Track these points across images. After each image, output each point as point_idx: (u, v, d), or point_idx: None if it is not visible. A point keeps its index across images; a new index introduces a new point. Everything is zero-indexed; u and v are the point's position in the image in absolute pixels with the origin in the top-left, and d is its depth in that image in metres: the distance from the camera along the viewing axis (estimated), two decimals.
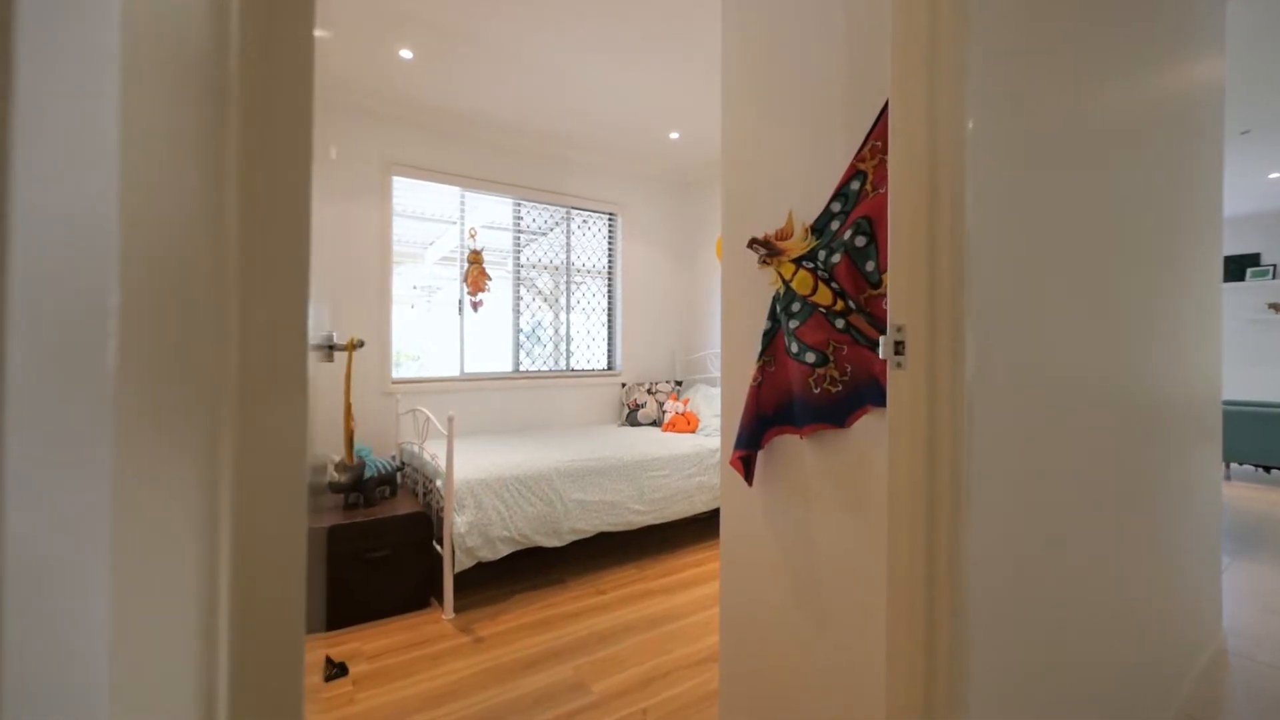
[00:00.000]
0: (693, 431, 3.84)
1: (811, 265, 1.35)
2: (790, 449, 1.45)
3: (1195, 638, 1.93)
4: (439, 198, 3.74)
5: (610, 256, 4.54)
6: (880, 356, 0.97)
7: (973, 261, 0.92)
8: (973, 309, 0.91)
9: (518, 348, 4.07)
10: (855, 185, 1.29)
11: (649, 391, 4.27)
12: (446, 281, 3.85)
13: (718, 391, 4.07)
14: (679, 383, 4.48)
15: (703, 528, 3.65)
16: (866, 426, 1.28)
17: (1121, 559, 1.45)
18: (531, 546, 2.74)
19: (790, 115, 1.46)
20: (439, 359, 3.87)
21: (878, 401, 1.24)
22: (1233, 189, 4.73)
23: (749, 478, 1.51)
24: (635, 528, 3.08)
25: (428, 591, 2.65)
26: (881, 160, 1.24)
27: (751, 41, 1.55)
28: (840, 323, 1.30)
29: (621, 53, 2.86)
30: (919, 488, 0.91)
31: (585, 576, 2.96)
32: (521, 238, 4.09)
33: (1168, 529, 1.69)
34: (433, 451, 2.85)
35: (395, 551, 2.54)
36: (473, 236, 3.75)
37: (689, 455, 3.34)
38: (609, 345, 4.56)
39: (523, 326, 4.11)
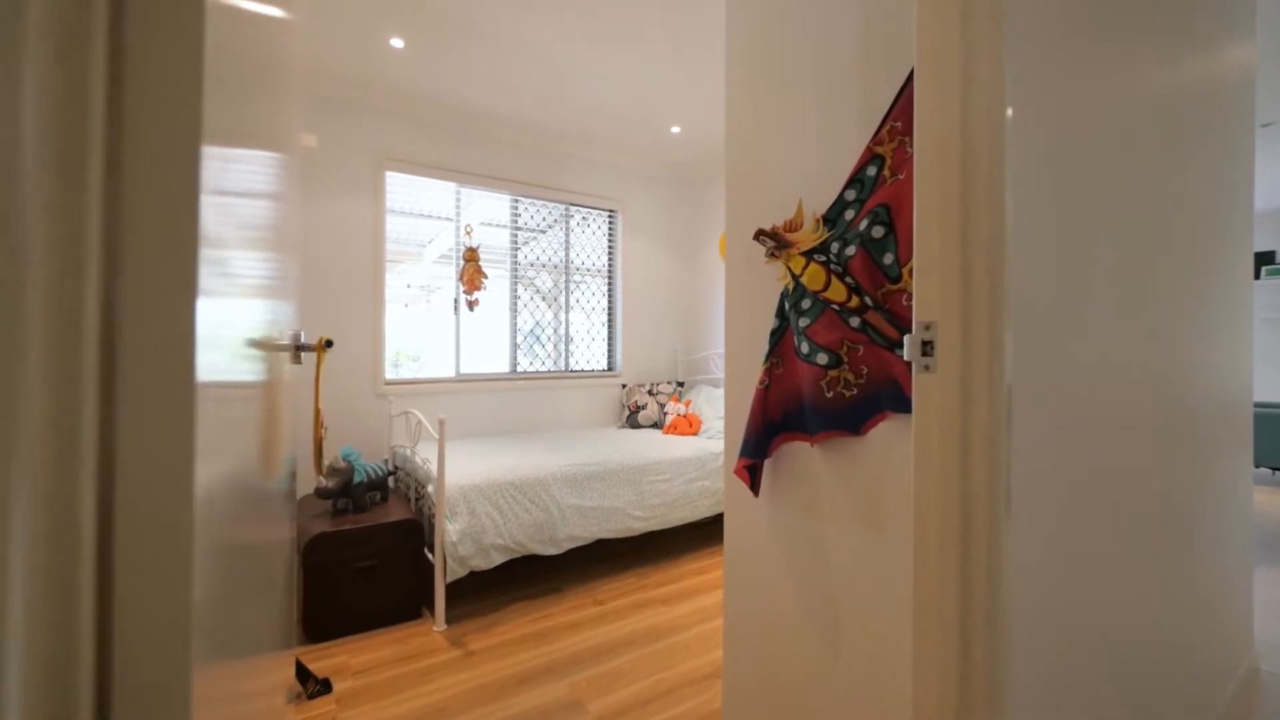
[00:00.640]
0: (695, 434, 3.73)
1: (824, 258, 1.25)
2: (800, 457, 1.35)
3: (1230, 649, 1.82)
4: (435, 194, 3.64)
5: (610, 254, 4.44)
6: (904, 357, 0.86)
7: (1010, 255, 0.81)
8: (1011, 306, 0.80)
9: (515, 348, 3.97)
10: (872, 171, 1.19)
11: (650, 393, 4.16)
12: (444, 281, 3.75)
13: (721, 393, 3.96)
14: (681, 384, 4.38)
15: (705, 533, 3.55)
16: (884, 434, 1.17)
17: (1159, 572, 1.34)
18: (527, 554, 2.64)
19: (800, 95, 1.35)
20: (436, 359, 3.77)
21: (897, 407, 1.13)
22: None
23: (755, 488, 1.40)
24: (635, 534, 2.98)
25: (419, 601, 2.54)
26: (901, 143, 1.14)
27: (757, 16, 1.45)
28: (855, 321, 1.20)
29: (620, 41, 2.76)
30: (951, 501, 0.81)
31: (583, 585, 2.86)
32: (519, 235, 3.99)
33: (1204, 538, 1.58)
34: (425, 456, 2.75)
35: (384, 560, 2.44)
36: (469, 233, 3.65)
37: (691, 459, 3.23)
38: (609, 345, 4.46)
39: (521, 326, 4.01)
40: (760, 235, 1.34)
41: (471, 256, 3.61)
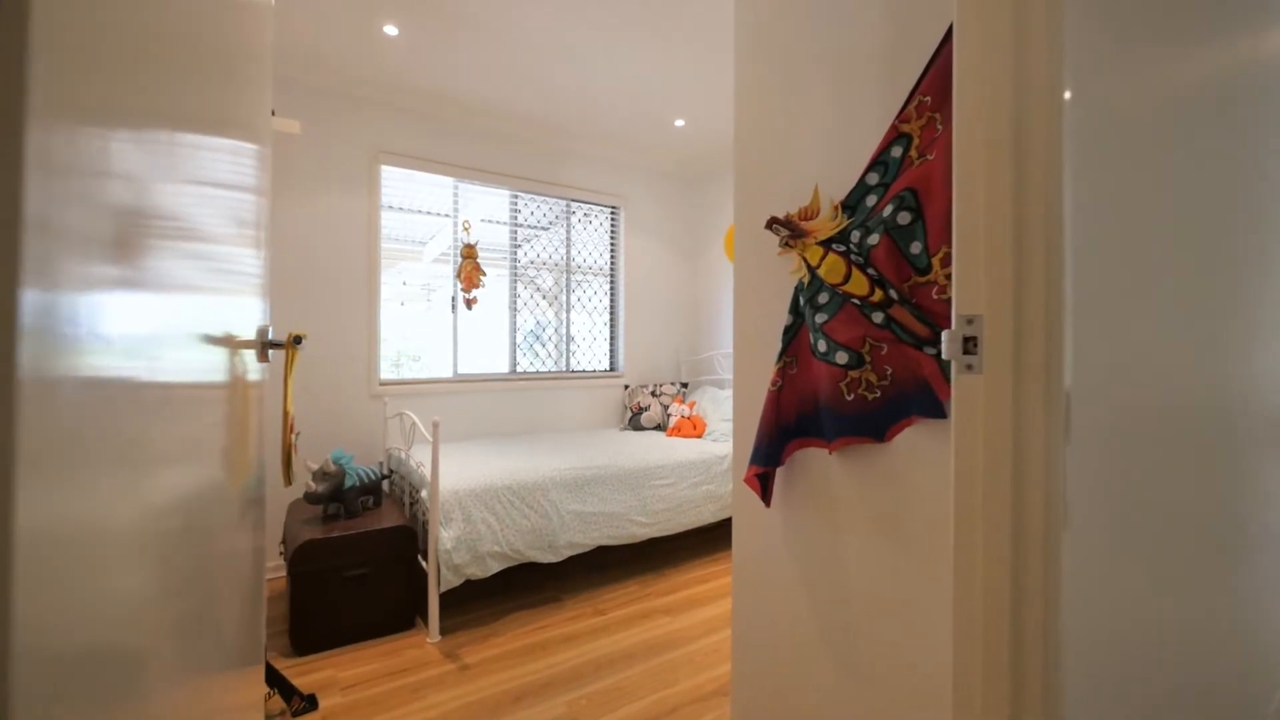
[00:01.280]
0: (699, 436, 3.63)
1: (843, 248, 1.14)
2: (816, 464, 1.24)
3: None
4: (432, 190, 3.54)
5: (612, 252, 4.33)
6: (943, 355, 0.76)
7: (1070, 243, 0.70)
8: (1071, 298, 0.69)
9: (515, 347, 3.87)
10: (897, 151, 1.08)
11: (653, 394, 4.06)
12: (444, 280, 3.64)
13: (726, 394, 3.85)
14: (684, 384, 4.27)
15: (709, 538, 3.44)
16: (911, 441, 1.07)
17: (1218, 588, 1.23)
18: (525, 562, 2.53)
19: (815, 70, 1.24)
20: (434, 360, 3.67)
21: (926, 411, 1.03)
22: None
23: (766, 498, 1.30)
24: (638, 541, 2.87)
25: (413, 610, 2.44)
26: (931, 120, 1.03)
27: None
28: (878, 316, 1.09)
29: (622, 30, 2.65)
30: (999, 518, 0.70)
31: (583, 594, 2.75)
32: (519, 232, 3.89)
33: (1265, 551, 1.46)
34: (419, 459, 2.65)
35: (376, 568, 2.34)
36: (466, 229, 3.55)
37: (695, 462, 3.13)
38: (611, 345, 4.35)
39: (521, 325, 3.91)
40: (773, 224, 1.24)
41: (469, 253, 3.50)
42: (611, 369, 4.32)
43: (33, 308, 0.34)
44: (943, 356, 0.78)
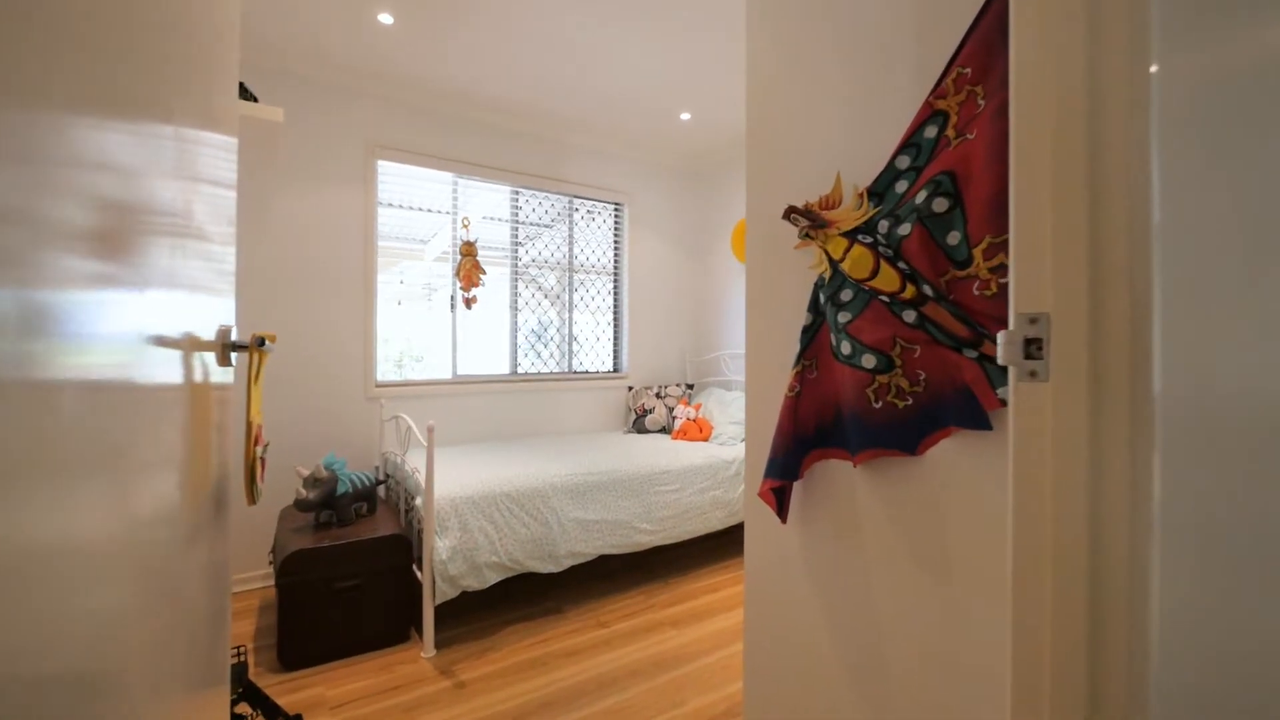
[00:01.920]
0: (705, 439, 3.51)
1: (870, 240, 1.03)
2: (838, 477, 1.13)
3: None
4: (431, 187, 3.44)
5: (616, 250, 4.22)
6: (999, 360, 0.65)
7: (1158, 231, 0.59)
8: (1160, 293, 0.58)
9: (515, 348, 3.76)
10: (931, 131, 0.97)
11: (657, 395, 3.95)
12: (445, 279, 3.54)
13: (733, 395, 3.74)
14: (690, 386, 4.15)
15: (716, 545, 3.33)
16: (948, 454, 0.95)
17: None
18: (524, 573, 2.43)
19: (835, 43, 1.13)
20: (435, 360, 3.57)
21: (966, 421, 0.91)
22: None
23: (783, 513, 1.19)
24: (642, 549, 2.76)
25: (407, 622, 2.34)
26: (971, 95, 0.92)
27: None
28: (910, 315, 0.98)
29: (626, 20, 2.54)
30: (1075, 562, 0.59)
31: (585, 604, 2.64)
32: (520, 230, 3.79)
33: None
34: (414, 464, 2.55)
35: (369, 579, 2.24)
36: (465, 226, 3.45)
37: (701, 467, 3.02)
38: (614, 345, 4.24)
39: (521, 325, 3.81)
40: (791, 213, 1.13)
41: (468, 251, 3.40)
42: (615, 370, 4.21)
43: None
44: (998, 361, 0.67)
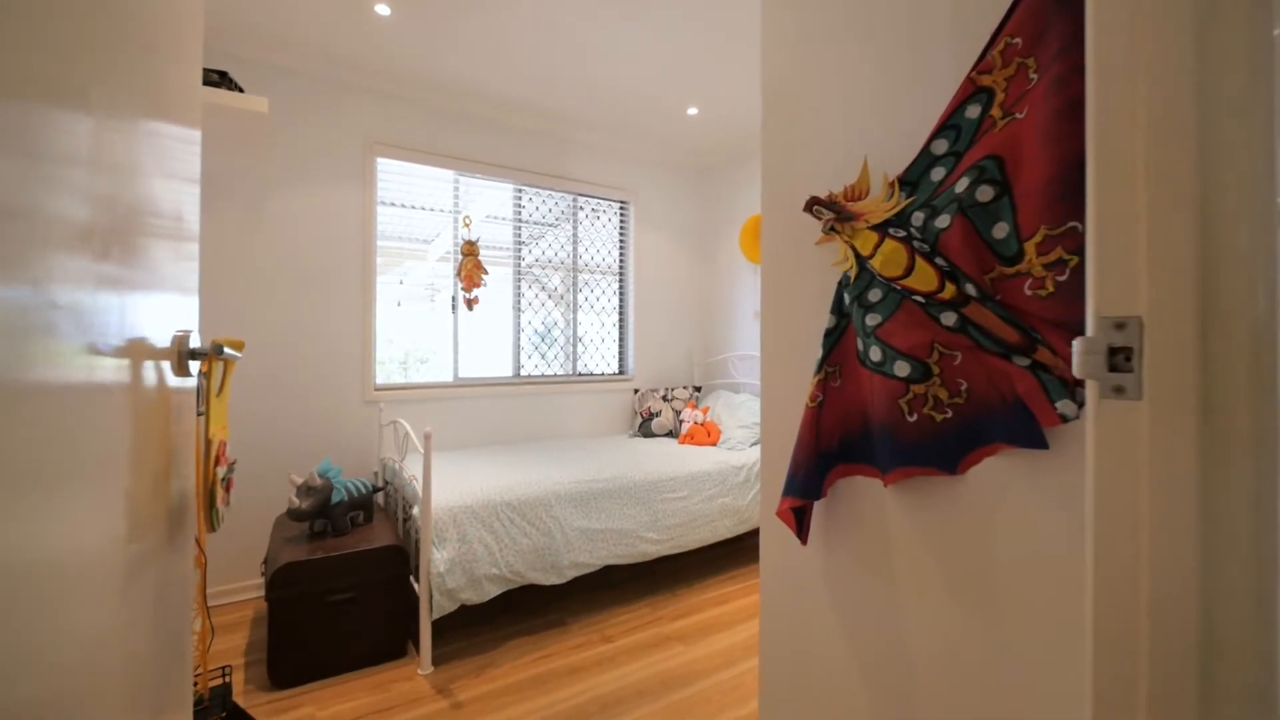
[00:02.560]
0: (713, 444, 3.41)
1: (903, 233, 0.92)
2: (865, 495, 1.02)
3: None
4: (432, 185, 3.35)
5: (621, 249, 4.12)
6: (1076, 372, 0.54)
7: None
8: None
9: (518, 350, 3.67)
10: (973, 111, 0.86)
11: (664, 398, 3.84)
12: (446, 279, 3.44)
13: (742, 398, 3.63)
14: (698, 389, 4.05)
15: (724, 553, 3.22)
16: (993, 474, 0.85)
17: None
18: (525, 585, 2.33)
19: (860, 14, 1.03)
20: (437, 362, 3.48)
21: (1017, 439, 0.81)
22: None
23: (803, 534, 1.08)
24: (648, 559, 2.66)
25: (404, 636, 2.25)
26: (1021, 68, 0.81)
27: None
28: (950, 317, 0.87)
29: (631, 9, 2.44)
30: (1180, 610, 0.48)
31: (589, 616, 2.54)
32: (523, 229, 3.69)
33: None
34: (412, 471, 2.46)
35: (364, 592, 2.14)
36: (466, 225, 3.35)
37: (710, 473, 2.91)
38: (620, 346, 4.14)
39: (525, 327, 3.71)
40: (815, 205, 1.02)
41: (470, 250, 3.31)
42: (620, 372, 4.11)
43: None
44: (1073, 373, 0.56)
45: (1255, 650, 0.46)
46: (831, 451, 1.03)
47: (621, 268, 4.13)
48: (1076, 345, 0.55)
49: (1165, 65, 0.50)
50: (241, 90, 1.61)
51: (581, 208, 3.94)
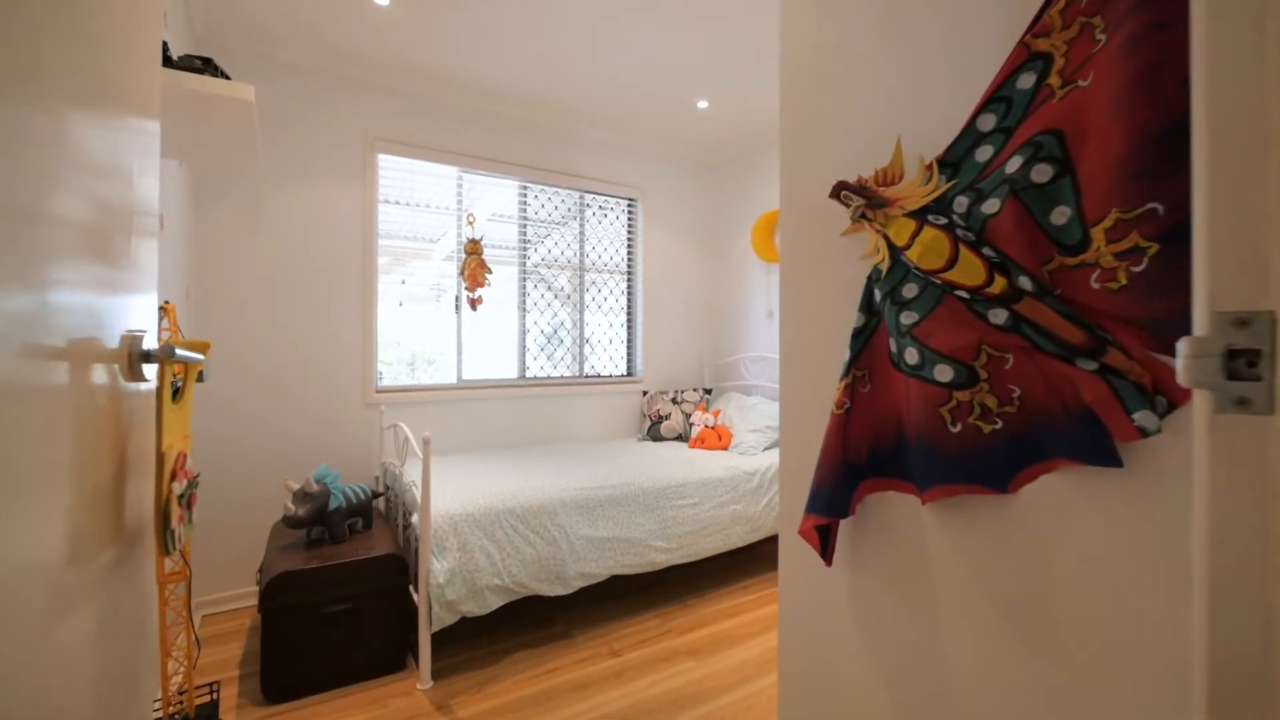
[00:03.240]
0: (724, 448, 3.30)
1: (944, 221, 0.82)
2: (899, 513, 0.92)
3: None
4: (436, 183, 3.27)
5: (630, 248, 4.02)
6: (1181, 379, 0.44)
7: None
8: None
9: (524, 351, 3.58)
10: (1026, 80, 0.76)
11: (674, 401, 3.74)
12: (451, 279, 3.36)
13: (754, 401, 3.52)
14: (708, 391, 3.94)
15: (734, 563, 3.11)
16: (1051, 494, 0.74)
17: None
18: (529, 595, 2.24)
19: None
20: (442, 364, 3.40)
21: (1082, 454, 0.70)
22: None
23: (827, 555, 0.98)
24: (657, 568, 2.56)
25: (404, 648, 2.17)
26: (1086, 28, 0.71)
27: None
28: (1000, 315, 0.77)
29: (639, 3, 2.35)
30: None
31: (596, 628, 2.45)
32: (529, 227, 3.61)
33: None
34: (412, 477, 2.37)
35: (362, 603, 2.06)
36: (470, 223, 3.27)
37: (721, 479, 2.80)
38: (628, 348, 4.04)
39: (531, 327, 3.62)
40: (842, 191, 0.92)
41: (473, 249, 3.22)
42: (629, 374, 4.02)
43: None
44: (1178, 380, 0.45)
45: None
46: (860, 464, 0.93)
47: (630, 267, 4.03)
48: (1183, 347, 0.45)
49: None
50: (228, 77, 1.53)
51: (589, 205, 3.84)
